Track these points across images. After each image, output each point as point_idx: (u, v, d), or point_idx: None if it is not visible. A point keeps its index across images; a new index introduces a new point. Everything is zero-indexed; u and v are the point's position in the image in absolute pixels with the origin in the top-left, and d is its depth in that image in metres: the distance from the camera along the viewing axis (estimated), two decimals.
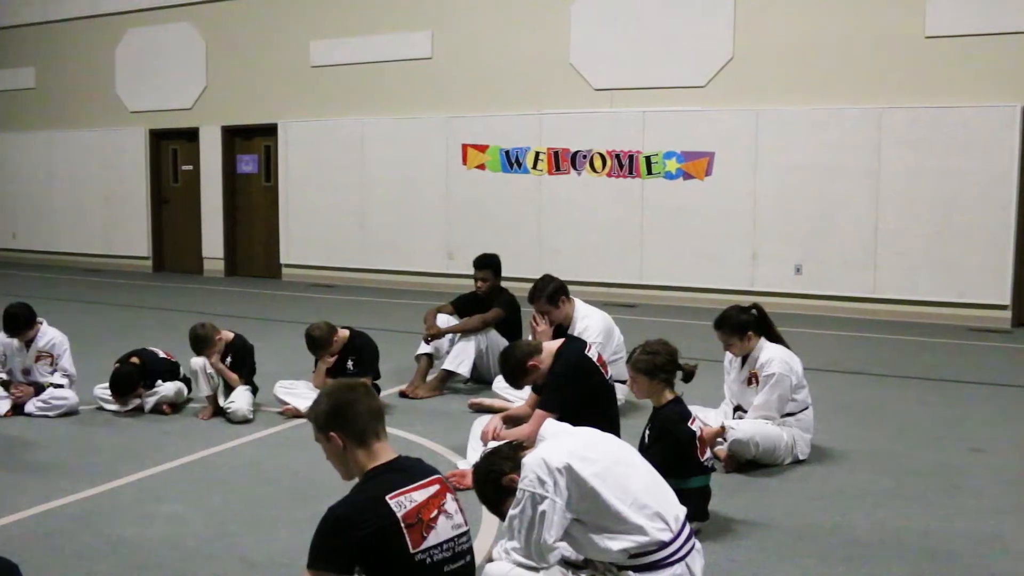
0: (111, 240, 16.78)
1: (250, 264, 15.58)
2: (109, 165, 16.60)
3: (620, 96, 12.16)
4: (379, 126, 13.81)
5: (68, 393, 6.76)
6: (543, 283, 6.50)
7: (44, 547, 4.29)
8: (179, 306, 12.17)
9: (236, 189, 15.59)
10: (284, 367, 7.46)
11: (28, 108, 17.68)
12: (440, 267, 13.40)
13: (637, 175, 12.07)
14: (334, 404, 2.97)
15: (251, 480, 5.33)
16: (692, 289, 11.90)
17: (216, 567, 4.11)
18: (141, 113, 16.21)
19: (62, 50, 17.09)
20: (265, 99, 14.82)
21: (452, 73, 13.25)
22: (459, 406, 6.88)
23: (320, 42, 14.22)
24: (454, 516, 2.96)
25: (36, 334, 6.87)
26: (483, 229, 12.80)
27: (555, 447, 3.46)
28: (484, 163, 13.06)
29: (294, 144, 14.61)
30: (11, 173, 17.96)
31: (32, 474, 5.47)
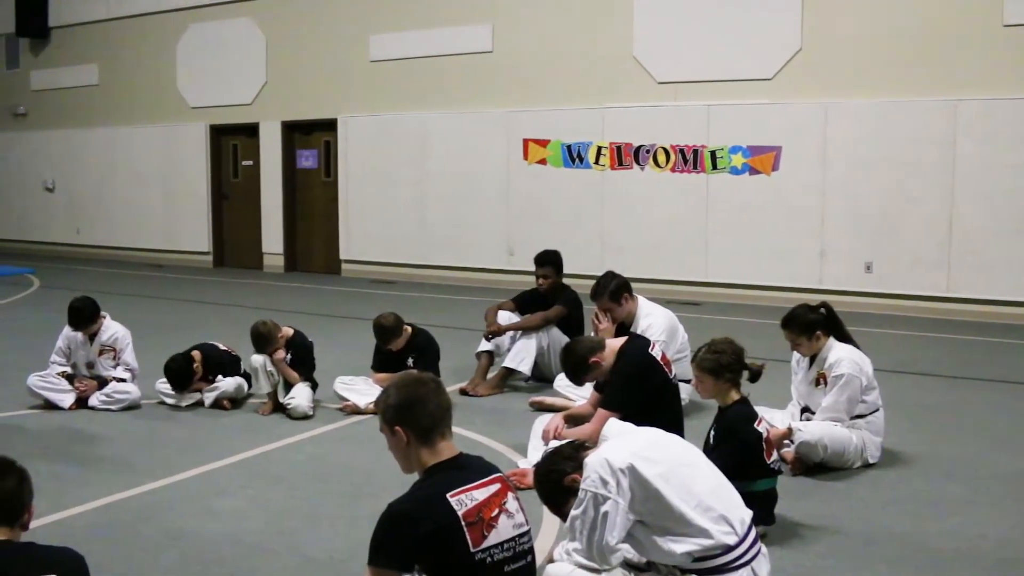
0: (172, 235, 17.07)
1: (309, 260, 15.74)
2: (170, 161, 16.89)
3: (684, 89, 12.08)
4: (439, 121, 13.87)
5: (131, 387, 6.90)
6: (605, 280, 6.47)
7: (107, 539, 4.39)
8: (239, 301, 12.34)
9: (296, 184, 15.77)
10: (343, 363, 7.52)
11: (91, 105, 18.06)
12: (501, 263, 13.42)
13: (702, 170, 11.97)
14: (403, 398, 2.99)
15: (310, 476, 5.39)
16: (758, 287, 11.78)
17: (276, 563, 4.16)
18: (202, 109, 16.47)
19: (125, 47, 17.42)
20: (325, 94, 14.96)
21: (513, 67, 13.26)
22: (520, 404, 6.89)
23: (380, 36, 14.32)
24: (515, 515, 2.96)
25: (100, 328, 7.02)
26: (544, 225, 12.79)
27: (618, 447, 3.45)
28: (545, 158, 13.05)
29: (354, 139, 14.73)
30: (75, 169, 18.36)
31: (95, 467, 5.59)
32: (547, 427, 5.21)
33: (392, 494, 2.99)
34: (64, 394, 6.86)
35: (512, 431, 6.14)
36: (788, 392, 5.86)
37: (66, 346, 7.07)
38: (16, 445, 5.73)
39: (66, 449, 5.93)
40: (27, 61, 19.10)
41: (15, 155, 19.47)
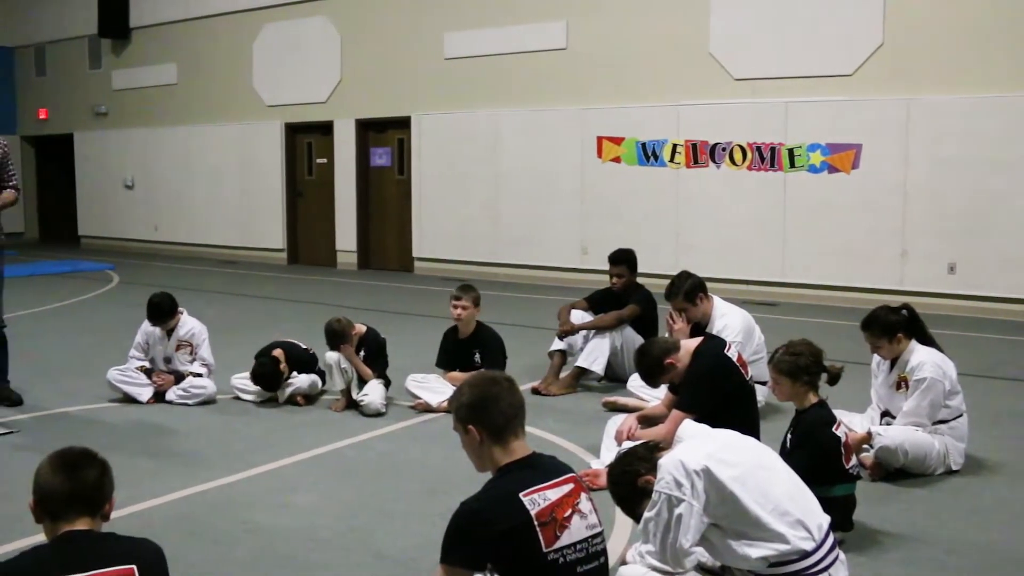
0: (247, 232, 17.35)
1: (382, 257, 15.88)
2: (246, 159, 17.18)
3: (762, 86, 11.94)
4: (513, 118, 13.90)
5: (207, 382, 7.03)
6: (680, 279, 6.42)
7: (183, 532, 4.47)
8: (313, 298, 12.50)
9: (369, 182, 15.92)
10: (416, 361, 7.57)
11: (170, 103, 18.45)
12: (574, 262, 13.40)
13: (779, 168, 11.82)
14: (477, 397, 3.00)
15: (383, 473, 5.44)
16: (837, 288, 11.59)
17: (348, 558, 4.21)
18: (277, 107, 16.72)
19: (202, 46, 17.76)
20: (399, 92, 15.08)
21: (587, 64, 13.23)
22: (593, 404, 6.88)
23: (454, 34, 14.39)
24: (588, 516, 2.95)
25: (177, 324, 7.16)
26: (618, 223, 12.74)
27: (693, 449, 3.43)
28: (620, 156, 13.00)
29: (427, 137, 14.82)
30: (153, 167, 18.78)
31: (172, 460, 5.71)
32: (620, 428, 5.20)
33: (464, 492, 3.01)
34: (142, 388, 7.02)
35: (585, 431, 6.14)
36: (868, 396, 5.75)
37: (144, 341, 7.23)
38: (96, 437, 5.88)
39: (144, 442, 6.07)
40: (108, 61, 19.58)
41: (97, 153, 19.99)
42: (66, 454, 2.71)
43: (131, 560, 2.60)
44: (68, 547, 2.58)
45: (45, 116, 21.22)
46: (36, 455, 5.39)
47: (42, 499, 2.65)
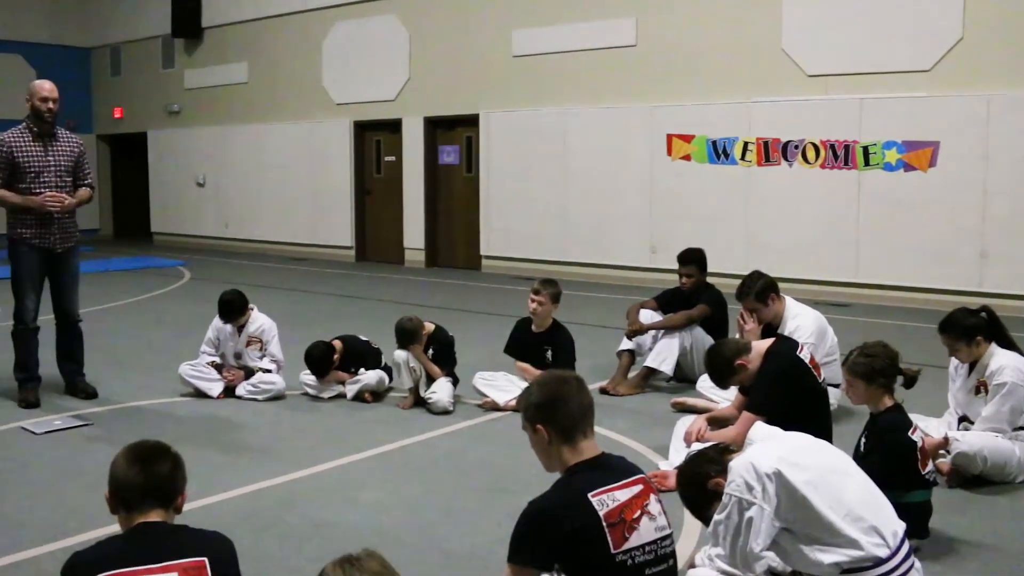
0: (316, 230, 17.55)
1: (450, 255, 15.96)
2: (315, 157, 17.37)
3: (835, 82, 11.76)
4: (581, 116, 13.87)
5: (276, 378, 7.13)
6: (752, 279, 6.36)
7: (251, 526, 4.54)
8: (381, 296, 12.60)
9: (437, 180, 16.00)
10: (484, 359, 7.59)
11: (241, 102, 18.73)
12: (643, 261, 13.34)
13: (853, 166, 11.63)
14: (545, 396, 3.00)
15: (450, 471, 5.47)
16: (912, 289, 11.37)
17: (415, 556, 4.23)
18: (346, 105, 16.88)
19: (273, 45, 18.00)
20: (467, 89, 15.14)
21: (657, 60, 13.15)
22: (661, 405, 6.84)
23: (523, 31, 14.40)
24: (657, 518, 2.94)
25: (248, 320, 7.27)
26: (688, 222, 12.65)
27: (765, 451, 3.39)
28: (689, 154, 12.91)
29: (495, 135, 14.86)
30: (224, 165, 19.08)
31: (241, 455, 5.79)
32: (690, 429, 5.16)
33: (531, 492, 3.01)
34: (213, 383, 7.14)
35: (653, 432, 6.11)
36: (945, 400, 5.63)
37: (215, 337, 7.36)
38: (167, 431, 5.99)
39: (214, 436, 6.17)
40: (181, 61, 19.94)
41: (169, 152, 20.37)
42: (140, 447, 2.77)
43: (203, 553, 2.65)
44: (142, 538, 2.64)
45: (120, 115, 21.68)
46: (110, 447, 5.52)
47: (117, 491, 2.71)
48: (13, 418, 6.58)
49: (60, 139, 6.98)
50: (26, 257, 6.92)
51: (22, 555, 4.29)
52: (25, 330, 7.04)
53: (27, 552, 4.32)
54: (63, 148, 6.97)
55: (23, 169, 6.78)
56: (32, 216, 6.84)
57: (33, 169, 6.80)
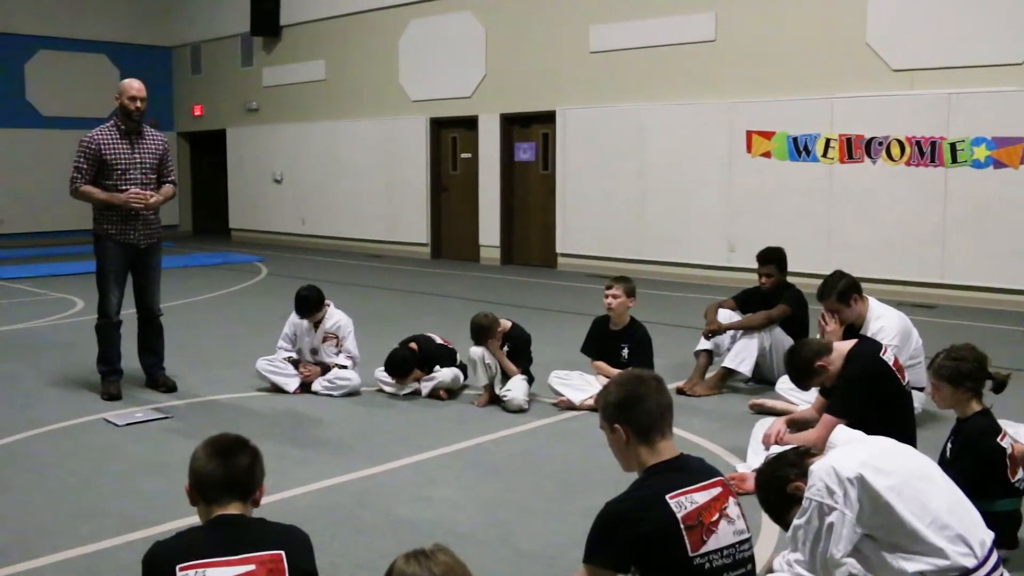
0: (392, 227, 17.70)
1: (526, 253, 15.98)
2: (391, 154, 17.52)
3: (922, 77, 11.51)
4: (659, 112, 13.78)
5: (352, 374, 7.21)
6: (834, 279, 6.25)
7: (326, 521, 4.59)
8: (456, 293, 12.67)
9: (513, 177, 16.03)
10: (559, 358, 7.59)
11: (318, 99, 18.97)
12: (721, 260, 13.22)
13: (940, 164, 11.38)
14: (624, 396, 2.98)
15: (524, 470, 5.47)
16: (1001, 290, 11.09)
17: (488, 554, 4.24)
18: (422, 102, 16.99)
19: (350, 43, 18.20)
20: (543, 86, 15.14)
21: (736, 56, 13.01)
22: (739, 406, 6.77)
23: (600, 27, 14.35)
24: (736, 521, 2.91)
25: (324, 316, 7.36)
26: (767, 221, 12.50)
27: (846, 455, 3.33)
28: (770, 151, 12.75)
29: (572, 131, 14.83)
30: (301, 162, 19.35)
31: (317, 450, 5.87)
32: (768, 431, 5.10)
33: (606, 492, 3.00)
34: (289, 378, 7.24)
35: (730, 433, 6.05)
36: None
37: (292, 332, 7.46)
38: (244, 425, 6.09)
39: (290, 431, 6.26)
40: (260, 59, 20.26)
41: (247, 148, 20.72)
42: (220, 441, 2.82)
43: (280, 546, 2.69)
44: (221, 530, 2.69)
45: (200, 113, 22.12)
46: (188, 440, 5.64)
47: (197, 483, 2.77)
48: (96, 410, 6.76)
49: (146, 137, 7.14)
50: (110, 252, 7.11)
51: (104, 544, 4.40)
52: (108, 324, 7.22)
53: (109, 541, 4.43)
54: (149, 145, 7.14)
55: (110, 166, 6.96)
56: (116, 212, 7.01)
57: (120, 166, 6.98)
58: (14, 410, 6.78)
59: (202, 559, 2.60)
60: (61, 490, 5.17)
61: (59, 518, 4.75)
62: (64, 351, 8.75)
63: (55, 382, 7.62)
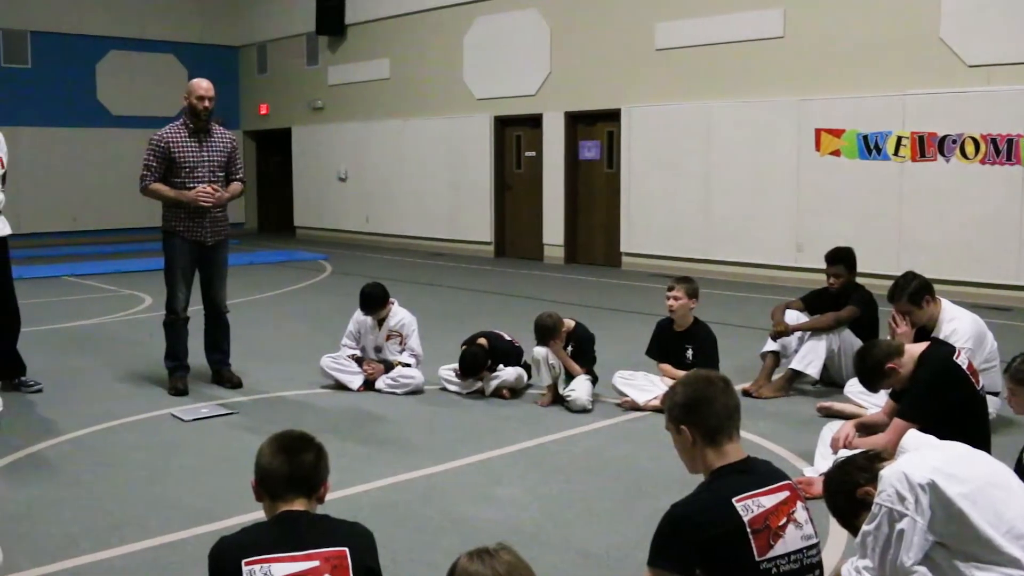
0: (455, 225, 17.77)
1: (590, 252, 15.94)
2: (455, 152, 17.59)
3: (999, 72, 11.25)
4: (726, 110, 13.66)
5: (415, 372, 7.24)
6: (905, 280, 6.15)
7: (389, 518, 4.62)
8: (520, 292, 12.68)
9: (578, 175, 16.00)
10: (623, 358, 7.55)
11: (382, 98, 19.11)
12: (788, 260, 13.07)
13: (1017, 162, 11.12)
14: (691, 397, 2.96)
15: (587, 470, 5.46)
16: None
17: (552, 555, 4.24)
18: (487, 100, 17.03)
19: (414, 41, 18.30)
20: (609, 84, 15.09)
21: (805, 52, 12.85)
22: (807, 409, 6.69)
23: (665, 24, 14.26)
24: (804, 526, 2.87)
25: (388, 314, 7.41)
26: (836, 220, 12.32)
27: (918, 461, 3.27)
28: (839, 149, 12.57)
29: (637, 129, 14.76)
30: (365, 160, 19.51)
31: (380, 448, 5.92)
32: (837, 435, 5.02)
33: (670, 494, 2.98)
34: (353, 376, 7.30)
35: (797, 436, 5.98)
36: None
37: (356, 330, 7.52)
38: (308, 422, 6.15)
39: (353, 429, 6.31)
40: (325, 58, 20.46)
41: (312, 147, 20.94)
42: (286, 437, 2.85)
43: (344, 542, 2.71)
44: (286, 526, 2.72)
45: (265, 112, 22.40)
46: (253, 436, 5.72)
47: (262, 479, 2.80)
48: (163, 405, 6.88)
49: (214, 135, 7.26)
50: (178, 249, 7.23)
51: (170, 537, 4.48)
52: (176, 320, 7.34)
53: (175, 534, 4.51)
54: (217, 144, 7.26)
55: (179, 164, 7.09)
56: (185, 210, 7.14)
57: (188, 164, 7.10)
58: (84, 404, 6.93)
59: (267, 554, 2.63)
60: (130, 483, 5.28)
61: (128, 510, 4.85)
62: (132, 347, 8.93)
63: (124, 377, 7.78)
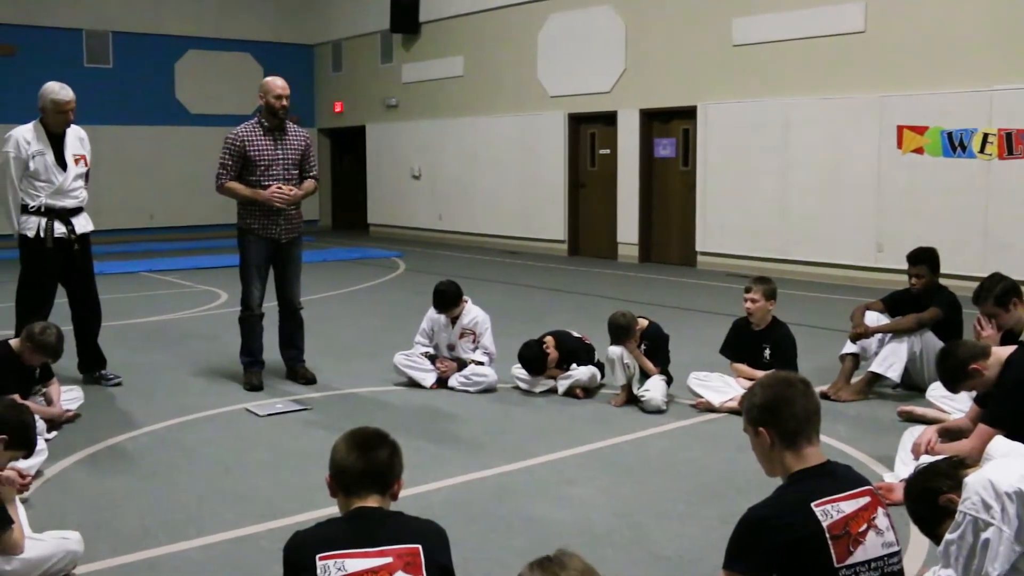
0: (528, 223, 17.78)
1: (664, 251, 15.85)
2: (528, 149, 17.60)
3: None
4: (804, 107, 13.47)
5: (488, 371, 7.27)
6: (991, 282, 6.01)
7: (462, 517, 4.64)
8: (593, 290, 12.65)
9: (653, 173, 15.91)
10: (698, 358, 7.50)
11: (456, 95, 19.19)
12: (868, 260, 12.85)
13: None
14: (770, 398, 2.93)
15: (661, 472, 5.43)
16: None
17: (623, 556, 4.23)
18: (561, 98, 17.01)
19: (488, 38, 18.35)
20: (684, 81, 14.98)
21: (887, 47, 12.61)
22: (887, 413, 6.57)
23: (743, 19, 14.11)
24: (885, 533, 2.82)
25: (461, 312, 7.45)
26: (918, 220, 12.09)
27: (1005, 468, 3.20)
28: (922, 146, 12.33)
29: (713, 127, 14.63)
30: (439, 158, 19.61)
31: (452, 446, 5.95)
32: (918, 440, 4.93)
33: (746, 498, 2.96)
34: (426, 373, 7.35)
35: (877, 441, 5.88)
36: None
37: (430, 328, 7.57)
38: (381, 419, 6.20)
39: (426, 426, 6.35)
40: (399, 55, 20.62)
41: (386, 145, 21.12)
42: (361, 434, 2.88)
43: (418, 540, 2.74)
44: (360, 522, 2.76)
45: (340, 110, 22.64)
46: (327, 432, 5.80)
47: (337, 475, 2.84)
48: (238, 400, 7.00)
49: (289, 133, 7.37)
50: (253, 246, 7.36)
51: (244, 531, 4.56)
52: (251, 316, 7.47)
53: (249, 528, 4.58)
54: (291, 142, 7.36)
55: (254, 162, 7.21)
56: (259, 208, 7.26)
57: (263, 162, 7.22)
58: (162, 398, 7.08)
59: (341, 550, 2.67)
60: (205, 476, 5.38)
61: (204, 503, 4.94)
62: (208, 342, 9.09)
63: (200, 372, 7.93)
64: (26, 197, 7.12)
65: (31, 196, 7.12)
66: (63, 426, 6.23)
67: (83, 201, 7.38)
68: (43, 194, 7.12)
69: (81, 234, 7.33)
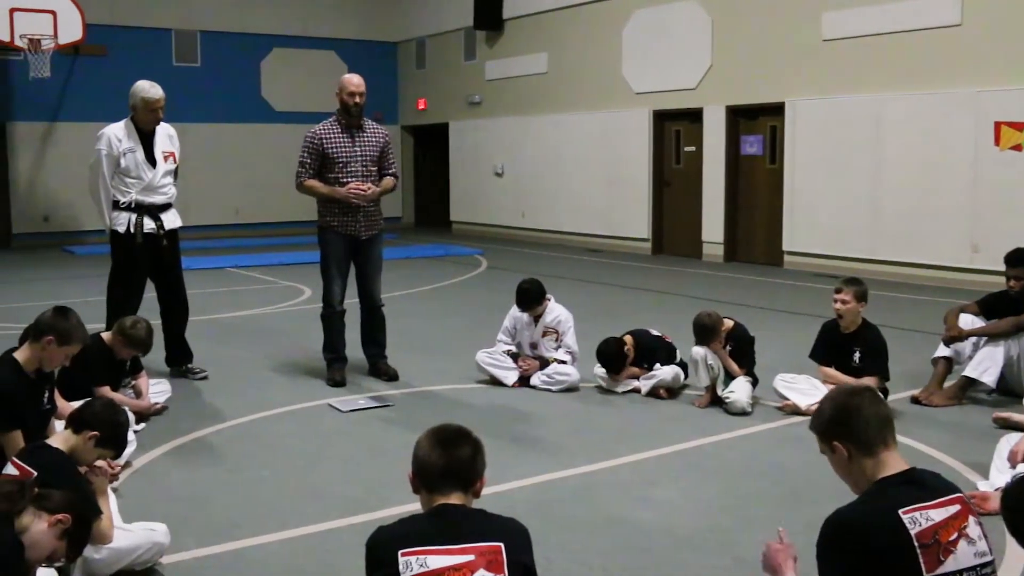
0: (612, 221, 17.73)
1: (750, 250, 15.68)
2: (612, 147, 17.55)
3: None
4: (897, 103, 13.22)
5: (570, 370, 7.27)
6: None
7: (543, 516, 4.65)
8: (678, 290, 12.58)
9: (739, 171, 15.76)
10: (785, 360, 7.42)
11: (539, 92, 19.21)
12: (962, 261, 12.56)
13: None
14: (838, 410, 2.89)
15: (745, 475, 5.39)
16: None
17: (706, 559, 4.21)
18: (645, 94, 16.93)
19: (572, 35, 18.33)
20: (772, 77, 14.79)
21: (985, 40, 12.30)
22: (981, 419, 6.42)
23: (833, 13, 13.89)
24: (977, 542, 2.76)
25: (544, 310, 7.46)
26: (1017, 219, 11.77)
27: None
28: (1020, 143, 12.01)
29: (802, 124, 14.43)
30: (522, 155, 19.65)
31: (534, 445, 5.96)
32: (1016, 448, 4.82)
33: (830, 502, 2.92)
34: (509, 372, 7.39)
35: (971, 448, 5.75)
36: None
37: (512, 326, 7.60)
38: (463, 417, 6.21)
39: (508, 425, 6.38)
40: (483, 52, 20.70)
41: (470, 142, 21.23)
42: (444, 431, 2.92)
43: (500, 538, 2.76)
44: (442, 519, 2.78)
45: (423, 107, 22.81)
46: (408, 429, 5.86)
47: (419, 471, 2.87)
48: (321, 395, 7.11)
49: (367, 130, 7.46)
50: (333, 244, 7.47)
51: (326, 525, 4.64)
52: (332, 313, 7.58)
53: (331, 523, 4.66)
54: (369, 139, 7.45)
55: (332, 159, 7.32)
56: (339, 205, 7.37)
57: (341, 159, 7.32)
58: (245, 392, 7.23)
59: (424, 546, 2.70)
60: (289, 470, 5.48)
61: (286, 497, 5.04)
62: (292, 337, 9.24)
63: (284, 367, 8.06)
64: (117, 193, 7.34)
65: (122, 192, 7.33)
66: (151, 418, 6.40)
67: (172, 197, 7.58)
68: (133, 190, 7.33)
69: (170, 230, 7.52)
